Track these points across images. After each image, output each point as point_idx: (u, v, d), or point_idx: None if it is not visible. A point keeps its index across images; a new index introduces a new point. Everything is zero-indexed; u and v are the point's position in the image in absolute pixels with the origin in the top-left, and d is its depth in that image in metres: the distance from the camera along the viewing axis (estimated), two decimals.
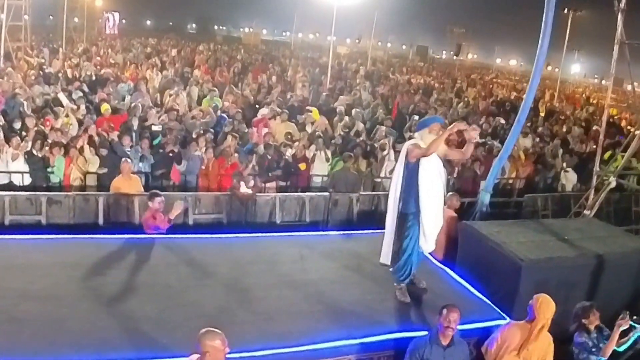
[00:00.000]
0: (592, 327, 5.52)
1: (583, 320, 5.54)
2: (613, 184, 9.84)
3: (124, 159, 8.45)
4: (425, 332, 5.12)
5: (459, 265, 7.64)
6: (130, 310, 5.22)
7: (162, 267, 6.13)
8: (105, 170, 9.10)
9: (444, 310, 4.77)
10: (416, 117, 13.74)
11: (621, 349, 5.45)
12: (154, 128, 10.36)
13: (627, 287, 7.75)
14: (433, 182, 5.70)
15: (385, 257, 5.98)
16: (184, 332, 4.80)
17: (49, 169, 8.95)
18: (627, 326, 5.28)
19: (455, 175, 11.39)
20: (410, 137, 6.46)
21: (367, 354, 5.08)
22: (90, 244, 6.54)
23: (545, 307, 5.18)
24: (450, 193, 8.57)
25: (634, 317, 5.33)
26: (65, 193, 8.27)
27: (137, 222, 8.06)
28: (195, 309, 5.31)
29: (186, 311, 5.27)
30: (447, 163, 11.21)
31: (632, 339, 5.39)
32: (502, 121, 15.56)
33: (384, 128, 12.54)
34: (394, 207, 5.83)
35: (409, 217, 5.75)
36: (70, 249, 6.33)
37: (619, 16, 9.76)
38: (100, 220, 8.13)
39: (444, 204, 8.19)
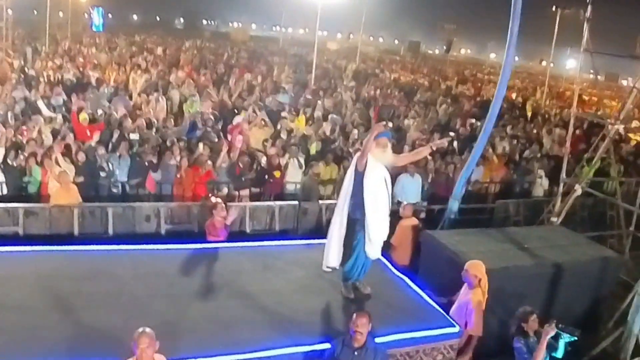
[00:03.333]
0: (530, 332, 5.76)
1: (522, 324, 5.80)
2: (579, 192, 10.03)
3: (61, 169, 8.67)
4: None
5: (420, 274, 7.90)
6: (98, 319, 5.49)
7: (129, 278, 6.37)
8: (81, 179, 9.28)
9: (354, 315, 5.08)
10: (390, 124, 13.95)
11: (559, 355, 5.64)
12: (132, 136, 10.54)
13: (587, 296, 8.00)
14: (377, 191, 6.03)
15: (333, 260, 6.30)
16: None
17: (25, 179, 9.10)
18: (553, 333, 5.46)
19: (429, 180, 11.59)
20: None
21: None
22: (63, 255, 6.79)
23: (477, 265, 6.39)
24: (405, 203, 8.84)
25: (560, 325, 5.52)
26: (42, 205, 8.47)
27: (111, 232, 8.34)
28: (158, 317, 5.55)
29: (150, 320, 5.38)
30: (423, 170, 11.48)
31: (561, 346, 5.57)
32: (479, 124, 15.68)
33: (356, 132, 12.73)
34: (343, 212, 6.17)
35: (356, 222, 6.11)
36: (44, 261, 6.56)
37: (585, 25, 9.97)
38: (76, 231, 8.35)
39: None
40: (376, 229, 6.13)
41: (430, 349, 5.95)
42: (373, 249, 6.24)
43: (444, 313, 6.35)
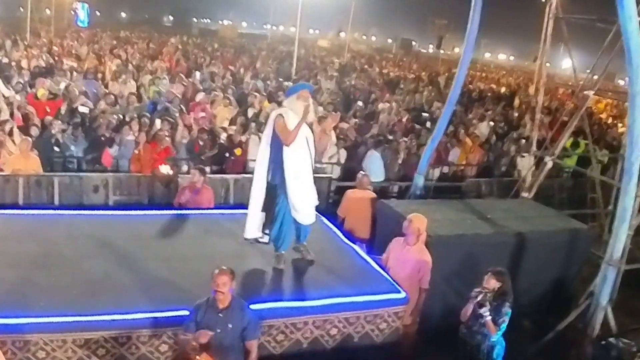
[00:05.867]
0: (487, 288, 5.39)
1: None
2: (549, 165, 9.74)
3: (23, 137, 8.40)
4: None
5: (377, 243, 7.64)
6: (19, 276, 5.32)
7: (62, 240, 6.20)
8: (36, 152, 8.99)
9: (214, 273, 4.52)
10: (360, 103, 13.77)
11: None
12: (80, 109, 10.23)
13: (555, 270, 7.73)
14: (298, 154, 5.60)
15: (251, 231, 5.92)
16: (66, 296, 5.05)
17: None
18: (476, 296, 5.32)
19: (400, 161, 11.33)
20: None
21: None
22: (1, 219, 6.60)
23: (421, 217, 6.11)
24: (361, 173, 8.51)
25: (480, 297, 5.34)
26: None
27: (57, 202, 8.09)
28: (82, 276, 5.45)
29: (73, 278, 5.40)
30: (394, 150, 11.25)
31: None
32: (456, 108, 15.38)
33: (321, 108, 12.44)
34: (262, 177, 5.77)
35: (276, 187, 5.72)
36: None
37: None
38: (20, 201, 8.09)
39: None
40: (299, 195, 5.69)
41: (372, 315, 5.70)
42: (301, 215, 5.79)
43: (391, 279, 6.04)
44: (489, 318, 5.23)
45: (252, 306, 4.90)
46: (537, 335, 7.34)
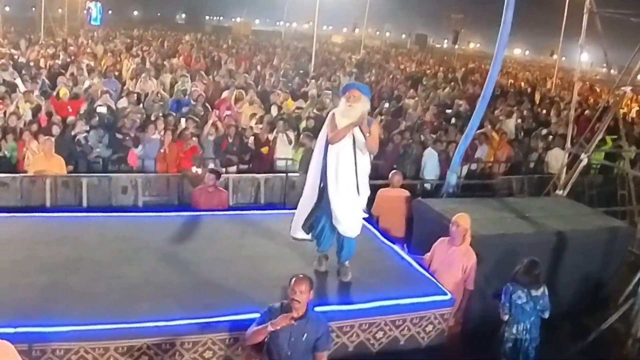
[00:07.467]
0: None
1: None
2: (585, 162, 9.49)
3: (46, 138, 8.28)
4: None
5: (414, 242, 7.45)
6: (53, 282, 5.14)
7: (94, 243, 5.98)
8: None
9: (292, 280, 4.25)
10: (386, 105, 13.57)
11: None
12: (98, 110, 10.12)
13: (594, 268, 7.49)
14: (339, 159, 5.27)
15: (298, 229, 5.70)
16: (105, 302, 4.86)
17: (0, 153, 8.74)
18: None
19: None
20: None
21: None
22: (24, 221, 6.45)
23: (466, 217, 6.06)
24: (393, 171, 8.31)
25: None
26: (12, 175, 8.07)
27: (85, 204, 7.93)
28: (120, 281, 5.26)
29: (111, 283, 5.21)
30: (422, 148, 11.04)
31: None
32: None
33: None
34: (314, 180, 5.51)
35: (323, 190, 5.44)
36: (8, 227, 6.18)
37: None
38: (48, 203, 7.95)
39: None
40: (340, 202, 5.32)
41: (418, 317, 5.49)
42: (343, 227, 5.45)
43: (435, 281, 5.86)
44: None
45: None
46: (576, 335, 7.14)
